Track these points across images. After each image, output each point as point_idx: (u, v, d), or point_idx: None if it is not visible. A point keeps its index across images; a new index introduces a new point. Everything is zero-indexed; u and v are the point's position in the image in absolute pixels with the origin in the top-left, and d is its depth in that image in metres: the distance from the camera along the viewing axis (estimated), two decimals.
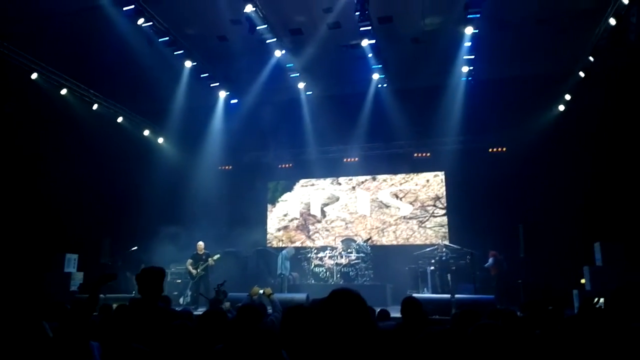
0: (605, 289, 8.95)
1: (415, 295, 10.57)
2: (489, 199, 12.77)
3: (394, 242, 14.57)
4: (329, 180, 15.70)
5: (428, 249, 12.38)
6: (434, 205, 14.61)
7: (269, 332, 2.41)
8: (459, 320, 3.85)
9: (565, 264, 10.97)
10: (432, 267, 11.84)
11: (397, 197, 14.98)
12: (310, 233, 15.34)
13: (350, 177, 15.46)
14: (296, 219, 15.75)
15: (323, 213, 15.54)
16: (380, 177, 15.23)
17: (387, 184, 15.17)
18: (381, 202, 15.09)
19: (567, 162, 12.43)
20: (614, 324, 2.98)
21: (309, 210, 15.71)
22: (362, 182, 15.42)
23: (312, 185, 15.88)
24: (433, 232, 14.41)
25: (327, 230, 15.34)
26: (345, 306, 1.95)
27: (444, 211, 14.48)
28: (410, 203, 14.80)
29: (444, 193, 14.56)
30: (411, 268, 12.51)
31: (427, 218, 14.59)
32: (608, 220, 11.18)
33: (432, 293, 11.32)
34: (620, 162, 11.65)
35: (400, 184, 15.06)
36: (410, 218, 14.72)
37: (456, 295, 9.70)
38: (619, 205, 11.45)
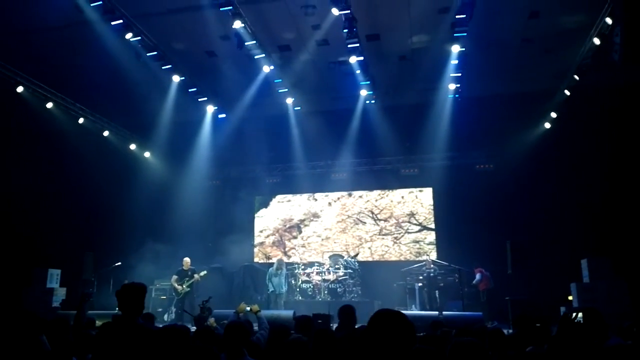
0: (593, 305, 8.99)
1: (403, 312, 10.51)
2: (476, 215, 12.79)
3: (370, 259, 14.55)
4: (305, 195, 15.69)
5: (416, 266, 12.33)
6: (409, 222, 14.67)
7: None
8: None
9: (553, 280, 10.98)
10: (420, 284, 11.78)
11: (372, 213, 15.02)
12: (287, 249, 15.22)
13: (326, 193, 15.48)
14: (272, 235, 15.68)
15: (299, 229, 15.49)
16: (356, 193, 15.28)
17: (363, 200, 15.22)
18: (357, 218, 15.10)
19: (554, 178, 12.56)
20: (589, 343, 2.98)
21: (285, 226, 15.65)
22: (338, 199, 15.44)
23: (289, 201, 15.85)
24: (407, 248, 14.47)
25: (304, 246, 15.29)
26: (394, 328, 1.91)
27: (418, 227, 14.54)
28: (385, 219, 14.85)
29: (419, 210, 14.65)
30: (399, 284, 12.44)
31: (402, 234, 14.64)
32: (595, 237, 11.25)
33: (421, 310, 11.24)
34: (607, 178, 11.77)
35: (376, 200, 15.11)
36: (386, 234, 14.76)
37: (444, 312, 9.66)
38: (606, 221, 11.54)
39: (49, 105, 11.88)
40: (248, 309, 6.04)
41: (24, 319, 2.86)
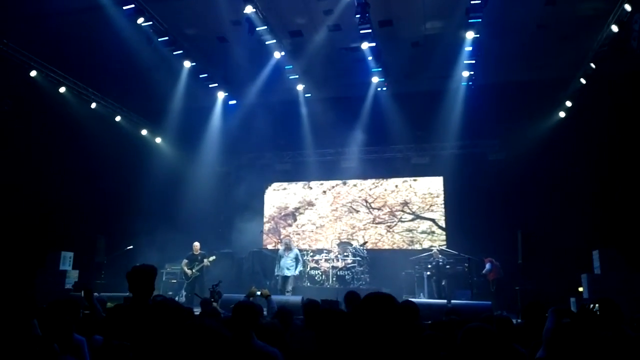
0: (603, 296, 8.92)
1: (411, 299, 10.53)
2: (487, 204, 12.72)
3: (377, 247, 14.62)
4: (300, 184, 15.78)
5: (424, 255, 12.31)
6: (402, 211, 14.67)
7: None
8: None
9: (564, 271, 10.92)
10: (429, 273, 11.77)
11: (366, 202, 15.05)
12: (282, 237, 15.20)
13: (321, 182, 15.58)
14: (267, 222, 15.79)
15: (294, 217, 15.50)
16: (351, 182, 15.33)
17: (357, 189, 15.25)
18: (351, 206, 15.12)
19: (567, 168, 12.41)
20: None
21: (280, 213, 15.70)
22: (333, 187, 15.51)
23: (284, 189, 15.92)
24: (400, 237, 14.52)
25: (298, 234, 15.37)
26: (381, 309, 1.92)
27: (411, 216, 14.57)
28: (379, 208, 14.90)
29: (412, 199, 14.70)
30: (408, 273, 12.45)
31: (395, 223, 14.65)
32: (608, 228, 11.13)
33: (429, 298, 11.25)
34: (621, 169, 11.61)
35: (370, 189, 15.12)
36: (379, 223, 14.78)
37: (453, 301, 9.64)
38: (619, 212, 11.40)
39: (62, 89, 11.96)
40: (259, 293, 6.09)
41: (16, 303, 2.91)
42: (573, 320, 3.11)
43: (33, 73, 11.15)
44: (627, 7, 9.11)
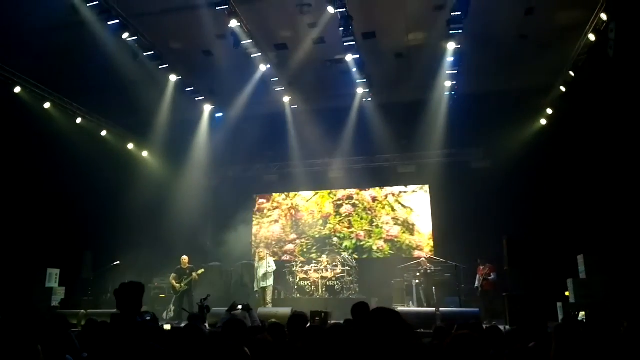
0: (589, 301, 9.05)
1: (400, 308, 10.59)
2: (473, 212, 12.84)
3: (363, 256, 14.67)
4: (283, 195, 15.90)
5: (413, 263, 12.37)
6: (390, 219, 14.84)
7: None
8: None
9: (550, 276, 11.04)
10: (417, 281, 11.83)
11: (355, 210, 15.22)
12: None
13: (308, 192, 15.67)
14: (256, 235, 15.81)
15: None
16: (339, 191, 15.44)
17: (345, 198, 15.36)
18: (340, 216, 15.26)
19: (550, 175, 12.60)
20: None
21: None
22: (316, 194, 15.63)
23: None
24: (388, 245, 14.64)
25: (290, 244, 15.47)
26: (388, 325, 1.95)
27: (399, 225, 14.70)
28: (367, 217, 15.07)
29: (399, 207, 14.84)
30: (396, 281, 12.49)
31: (382, 232, 14.82)
32: (592, 233, 11.29)
33: (418, 306, 11.30)
34: (603, 174, 11.81)
35: (357, 198, 15.27)
36: (366, 231, 14.98)
37: (441, 309, 9.71)
38: (602, 217, 11.58)
39: (47, 105, 11.92)
40: (239, 307, 6.13)
41: (23, 327, 2.90)
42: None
43: (17, 89, 11.10)
44: (604, 16, 9.36)
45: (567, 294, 10.18)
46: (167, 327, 5.36)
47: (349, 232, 15.04)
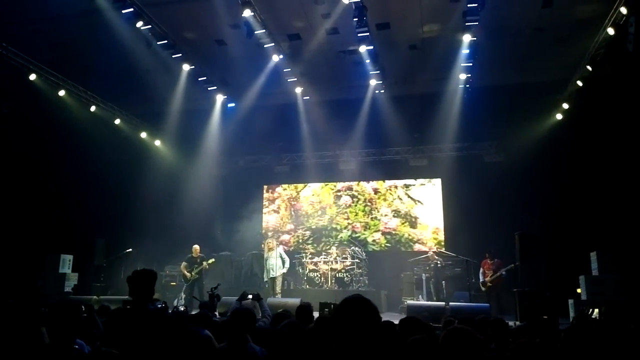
0: (601, 298, 8.96)
1: (409, 302, 10.57)
2: (485, 206, 12.74)
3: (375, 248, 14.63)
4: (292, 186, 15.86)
5: (423, 257, 12.34)
6: (401, 213, 14.73)
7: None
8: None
9: (562, 273, 10.94)
10: (427, 275, 11.80)
11: (365, 203, 15.11)
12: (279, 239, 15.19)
13: (321, 183, 15.58)
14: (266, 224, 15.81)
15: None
16: (350, 183, 15.31)
17: (357, 191, 15.25)
18: (350, 208, 15.21)
19: (565, 171, 12.44)
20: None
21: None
22: (332, 189, 15.54)
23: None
24: (399, 238, 14.55)
25: (298, 236, 15.43)
26: (358, 312, 1.95)
27: (410, 218, 14.60)
28: (378, 210, 14.98)
29: (398, 205, 14.75)
30: (406, 274, 12.47)
31: (393, 225, 14.71)
32: (605, 230, 11.16)
33: (427, 300, 11.29)
34: (618, 171, 11.66)
35: (369, 190, 15.18)
36: (378, 224, 14.87)
37: (451, 303, 9.69)
38: (616, 214, 11.44)
39: (61, 93, 11.99)
40: (250, 296, 6.16)
41: (24, 310, 2.93)
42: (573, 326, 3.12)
43: (32, 76, 11.18)
44: (623, 10, 9.16)
45: (578, 290, 10.10)
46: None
47: (346, 223, 15.00)
